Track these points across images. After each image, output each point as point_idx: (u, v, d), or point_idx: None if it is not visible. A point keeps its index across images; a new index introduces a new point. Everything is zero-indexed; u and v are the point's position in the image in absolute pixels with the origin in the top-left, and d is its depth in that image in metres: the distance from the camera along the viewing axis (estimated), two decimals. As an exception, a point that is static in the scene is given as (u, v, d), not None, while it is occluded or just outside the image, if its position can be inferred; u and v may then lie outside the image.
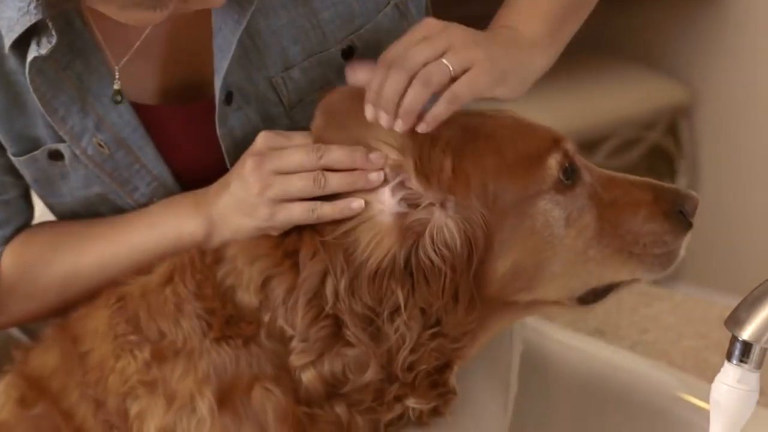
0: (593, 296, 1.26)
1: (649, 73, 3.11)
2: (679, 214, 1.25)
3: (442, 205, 1.17)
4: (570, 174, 1.22)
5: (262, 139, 1.21)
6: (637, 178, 1.28)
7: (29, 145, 1.28)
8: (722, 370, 1.08)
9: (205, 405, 1.18)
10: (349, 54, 1.27)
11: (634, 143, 3.07)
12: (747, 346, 1.06)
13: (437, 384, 1.21)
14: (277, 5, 1.24)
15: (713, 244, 3.14)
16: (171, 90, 1.28)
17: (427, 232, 1.16)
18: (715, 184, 3.13)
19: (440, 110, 1.15)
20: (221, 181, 1.25)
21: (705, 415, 1.10)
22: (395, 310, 1.17)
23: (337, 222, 1.18)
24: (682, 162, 3.14)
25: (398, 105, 1.14)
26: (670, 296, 2.37)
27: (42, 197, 1.35)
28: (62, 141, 1.26)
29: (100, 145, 1.25)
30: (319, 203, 1.18)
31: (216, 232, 1.24)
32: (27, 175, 1.30)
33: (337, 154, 1.17)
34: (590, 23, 1.37)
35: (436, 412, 1.23)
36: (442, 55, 1.14)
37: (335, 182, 1.17)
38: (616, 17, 3.13)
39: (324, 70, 1.27)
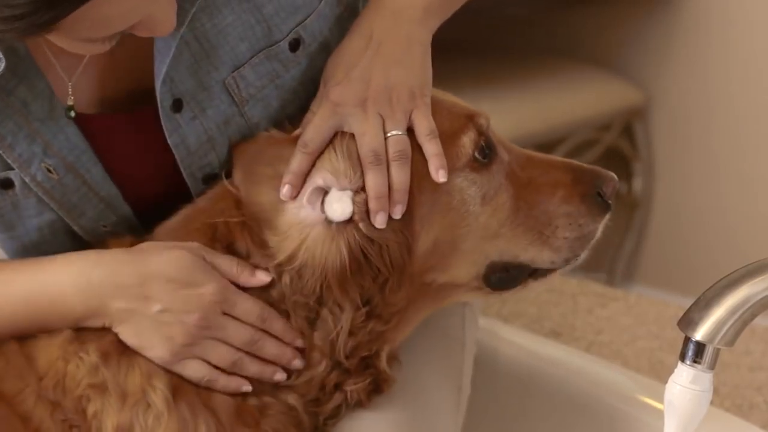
0: (502, 282, 1.27)
1: (604, 76, 3.12)
2: (597, 197, 1.26)
3: (362, 191, 1.19)
4: (486, 152, 1.23)
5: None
6: (558, 158, 1.29)
7: None
8: (676, 370, 1.08)
9: (159, 398, 1.17)
10: (296, 46, 1.27)
11: (589, 145, 3.08)
12: (700, 347, 1.06)
13: (369, 366, 1.24)
14: (221, 4, 1.23)
15: (668, 245, 3.16)
16: (116, 98, 1.26)
17: (354, 223, 1.18)
18: (670, 185, 3.15)
19: (436, 150, 1.20)
20: None
21: (659, 415, 1.10)
22: (334, 300, 1.20)
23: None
24: (638, 164, 3.15)
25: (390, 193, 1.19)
26: (624, 297, 2.38)
27: None
28: (11, 168, 1.23)
29: (49, 170, 1.23)
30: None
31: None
32: None
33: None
34: (546, 26, 1.37)
35: (375, 391, 1.25)
36: (385, 128, 1.20)
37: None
38: (571, 20, 3.13)
39: (273, 65, 1.26)
